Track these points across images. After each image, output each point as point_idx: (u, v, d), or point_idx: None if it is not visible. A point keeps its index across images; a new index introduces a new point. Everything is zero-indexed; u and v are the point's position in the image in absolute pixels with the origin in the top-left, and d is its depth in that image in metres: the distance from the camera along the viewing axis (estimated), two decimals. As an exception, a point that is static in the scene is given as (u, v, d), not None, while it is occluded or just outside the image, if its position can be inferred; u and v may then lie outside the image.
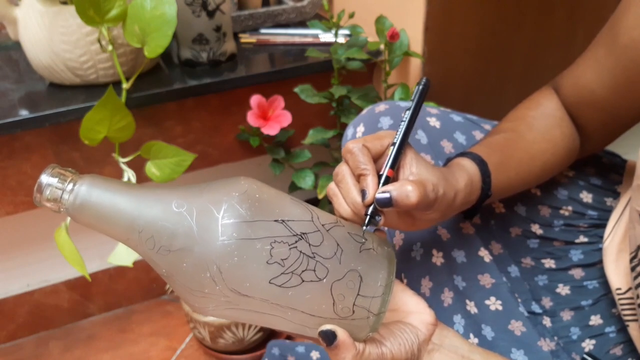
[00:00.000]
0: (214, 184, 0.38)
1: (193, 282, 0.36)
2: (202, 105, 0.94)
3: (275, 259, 0.36)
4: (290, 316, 0.38)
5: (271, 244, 0.36)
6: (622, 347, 0.58)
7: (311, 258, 0.37)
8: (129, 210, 0.36)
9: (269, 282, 0.36)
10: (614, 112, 0.56)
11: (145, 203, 0.37)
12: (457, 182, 0.48)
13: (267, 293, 0.36)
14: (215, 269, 0.35)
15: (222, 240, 0.35)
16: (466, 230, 0.60)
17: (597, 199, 0.64)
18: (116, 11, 0.76)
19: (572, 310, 0.61)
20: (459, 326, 0.55)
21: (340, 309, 0.38)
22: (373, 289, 0.39)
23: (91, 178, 0.37)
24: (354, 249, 0.40)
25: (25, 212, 0.90)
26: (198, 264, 0.35)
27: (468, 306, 0.56)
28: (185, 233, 0.36)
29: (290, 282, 0.36)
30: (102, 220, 0.37)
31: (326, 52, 0.92)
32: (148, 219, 0.36)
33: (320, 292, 0.37)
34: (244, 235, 0.36)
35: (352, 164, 0.44)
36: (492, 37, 0.97)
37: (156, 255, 0.36)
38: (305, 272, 0.37)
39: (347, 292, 0.38)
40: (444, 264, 0.57)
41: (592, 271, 0.62)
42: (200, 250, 0.35)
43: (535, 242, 0.64)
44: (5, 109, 0.83)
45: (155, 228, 0.36)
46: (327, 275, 0.37)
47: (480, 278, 0.58)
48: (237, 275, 0.35)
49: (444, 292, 0.57)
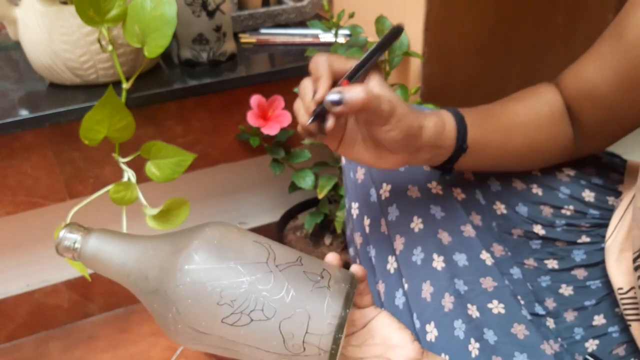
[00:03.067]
0: (184, 232, 0.44)
1: (162, 320, 0.42)
2: (202, 105, 0.94)
3: (224, 301, 0.40)
4: (248, 351, 0.41)
5: (221, 287, 0.40)
6: (625, 347, 0.58)
7: (260, 299, 0.40)
8: (118, 259, 0.43)
9: (221, 322, 0.40)
10: (614, 109, 0.56)
11: (131, 252, 0.43)
12: (424, 117, 0.50)
13: (222, 331, 0.40)
14: (174, 310, 0.40)
15: (177, 285, 0.40)
16: (467, 233, 0.60)
17: (599, 198, 0.64)
18: (116, 11, 0.76)
19: (576, 311, 0.61)
20: (460, 331, 0.55)
21: (291, 346, 0.41)
22: (322, 327, 0.41)
23: (96, 234, 0.44)
24: (306, 288, 0.42)
25: (25, 212, 0.90)
26: (163, 305, 0.41)
27: (469, 310, 0.56)
28: (154, 277, 0.42)
29: (240, 321, 0.40)
30: (102, 266, 0.44)
31: (326, 52, 0.92)
32: (132, 265, 0.43)
33: (270, 330, 0.40)
34: (197, 280, 0.40)
35: (313, 74, 0.47)
36: (492, 37, 0.97)
37: (140, 296, 0.43)
38: (254, 312, 0.40)
39: (296, 330, 0.41)
40: (445, 268, 0.57)
41: (595, 271, 0.62)
42: (163, 293, 0.41)
43: (537, 242, 0.63)
44: (5, 109, 0.83)
45: (136, 273, 0.43)
46: (274, 314, 0.40)
47: (482, 281, 0.57)
48: (193, 315, 0.40)
49: (444, 297, 0.56)
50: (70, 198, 0.91)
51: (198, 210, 1.15)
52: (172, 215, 0.81)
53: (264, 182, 1.22)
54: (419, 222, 0.60)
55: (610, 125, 0.58)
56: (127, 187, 0.79)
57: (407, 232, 0.60)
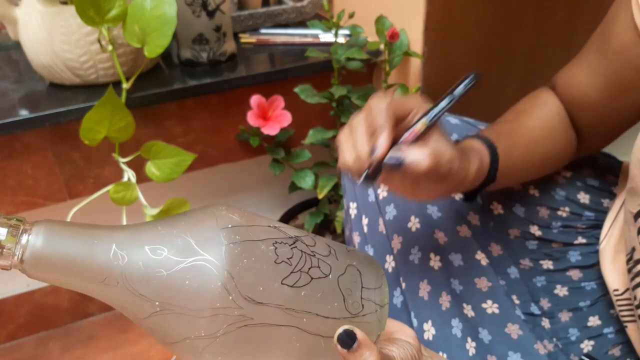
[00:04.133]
0: (189, 212, 0.37)
1: (200, 301, 0.33)
2: (202, 105, 0.94)
3: (282, 258, 0.36)
4: (305, 324, 0.37)
5: (274, 244, 0.36)
6: (620, 347, 0.58)
7: (312, 256, 0.38)
8: (102, 261, 0.33)
9: (281, 283, 0.35)
10: (606, 115, 0.57)
11: (131, 233, 0.34)
12: (470, 165, 0.49)
13: (281, 296, 0.36)
14: (226, 274, 0.33)
15: (227, 244, 0.34)
16: (463, 233, 0.60)
17: (594, 200, 0.64)
18: (116, 11, 0.76)
19: (570, 312, 0.61)
20: (457, 330, 0.55)
21: (350, 305, 0.38)
22: (373, 281, 0.40)
23: (48, 225, 0.32)
24: (343, 249, 0.41)
25: (25, 212, 0.90)
26: (204, 275, 0.33)
27: (465, 310, 0.56)
28: (182, 248, 0.33)
29: (301, 280, 0.36)
30: (68, 275, 0.33)
31: (326, 52, 0.92)
32: (134, 245, 0.34)
33: (330, 288, 0.38)
34: (247, 237, 0.35)
35: (371, 118, 0.43)
36: (492, 37, 0.97)
37: (147, 284, 0.33)
38: (312, 269, 0.37)
39: (353, 286, 0.39)
40: (442, 268, 0.58)
41: (590, 272, 0.62)
42: (204, 260, 0.33)
43: (534, 243, 0.64)
44: (5, 109, 0.83)
45: (147, 249, 0.33)
46: (331, 271, 0.38)
47: (477, 281, 0.58)
48: (249, 279, 0.34)
49: (442, 295, 0.57)
50: (70, 198, 0.92)
51: (198, 210, 1.15)
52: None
53: (264, 182, 1.22)
54: (416, 222, 0.60)
55: (603, 129, 0.59)
56: (127, 187, 0.79)
57: (405, 231, 0.60)
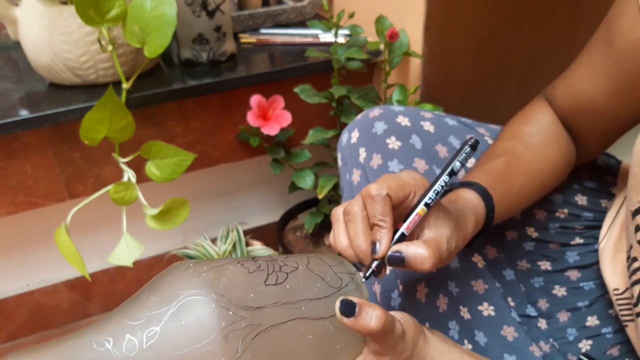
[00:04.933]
0: (145, 285, 0.38)
1: (204, 330, 0.34)
2: (202, 105, 0.94)
3: (253, 268, 0.38)
4: (305, 312, 0.38)
5: (238, 262, 0.38)
6: (619, 347, 0.58)
7: (274, 261, 0.40)
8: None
9: (266, 285, 0.37)
10: (614, 117, 0.56)
11: (103, 321, 0.34)
12: (466, 227, 0.48)
13: (272, 295, 0.37)
14: (214, 296, 0.34)
15: (198, 276, 0.35)
16: None
17: (591, 201, 0.64)
18: (116, 11, 0.76)
19: (569, 312, 0.61)
20: (454, 332, 0.55)
21: (330, 281, 0.41)
22: (334, 258, 0.43)
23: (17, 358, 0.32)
24: (300, 256, 0.43)
25: (25, 212, 0.90)
26: (196, 307, 0.34)
27: (462, 312, 0.56)
28: (160, 301, 0.34)
29: (280, 277, 0.38)
30: None
31: (326, 52, 0.92)
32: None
33: (306, 275, 0.40)
34: (212, 265, 0.37)
35: (370, 211, 0.43)
36: (492, 37, 0.97)
37: (144, 348, 0.33)
38: (283, 267, 0.39)
39: (322, 267, 0.41)
40: (439, 270, 0.57)
41: (588, 272, 0.62)
42: (187, 296, 0.34)
43: (531, 244, 0.64)
44: (5, 109, 0.83)
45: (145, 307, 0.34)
46: (298, 264, 0.40)
47: (473, 284, 0.58)
48: (236, 293, 0.36)
49: (439, 298, 0.56)
50: (70, 198, 0.92)
51: (198, 210, 1.15)
52: (172, 215, 0.81)
53: (264, 182, 1.22)
54: None
55: (609, 133, 0.58)
56: (127, 187, 0.79)
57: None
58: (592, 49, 0.55)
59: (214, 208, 1.21)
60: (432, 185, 0.44)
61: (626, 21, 0.50)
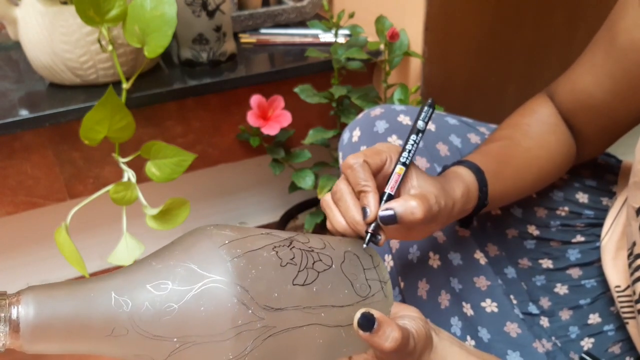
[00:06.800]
0: (179, 239, 0.37)
1: (220, 323, 0.33)
2: (202, 105, 0.94)
3: (286, 260, 0.37)
4: (324, 319, 0.37)
5: (274, 249, 0.37)
6: (620, 345, 0.58)
7: (311, 252, 0.38)
8: (106, 309, 0.32)
9: (293, 284, 0.36)
10: (614, 116, 0.56)
11: (128, 276, 0.33)
12: (454, 191, 0.48)
13: (296, 297, 0.36)
14: (239, 289, 0.33)
15: (230, 260, 0.34)
16: (462, 232, 0.60)
17: (592, 199, 0.64)
18: (116, 11, 0.76)
19: (571, 310, 0.61)
20: (456, 328, 0.55)
21: (359, 288, 0.40)
22: (369, 261, 0.42)
23: (33, 293, 0.31)
24: (335, 239, 0.42)
25: (25, 212, 0.90)
26: (218, 297, 0.33)
27: (464, 308, 0.56)
28: (186, 277, 0.33)
29: (309, 277, 0.37)
30: (65, 333, 0.31)
31: (326, 52, 0.92)
32: (135, 288, 0.33)
33: (337, 277, 0.39)
34: (247, 248, 0.35)
35: (353, 180, 0.44)
36: (492, 37, 0.97)
37: (160, 322, 0.32)
38: (315, 263, 0.38)
39: (356, 270, 0.40)
40: (441, 267, 0.57)
41: (589, 270, 0.62)
42: (213, 282, 0.33)
43: (532, 242, 0.64)
44: (5, 109, 0.83)
45: (148, 288, 0.33)
46: (332, 261, 0.39)
47: (475, 280, 0.58)
48: (262, 288, 0.34)
49: (440, 294, 0.57)
50: (70, 198, 0.92)
51: (198, 210, 1.15)
52: (172, 215, 0.81)
53: (264, 182, 1.22)
54: None
55: (609, 131, 0.58)
56: (127, 187, 0.79)
57: None
58: (594, 47, 0.56)
59: (214, 208, 1.21)
60: (403, 148, 0.46)
61: (628, 20, 0.51)
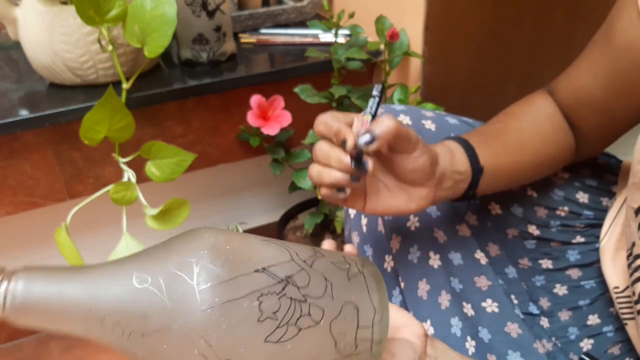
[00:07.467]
0: (174, 244, 0.34)
1: None
2: (202, 105, 0.94)
3: (266, 314, 0.33)
4: None
5: (258, 298, 0.33)
6: (620, 346, 0.58)
7: (303, 302, 0.34)
8: (83, 298, 0.31)
9: (265, 341, 0.33)
10: (612, 114, 0.56)
11: (101, 285, 0.31)
12: (431, 148, 0.49)
13: (265, 353, 0.33)
14: (202, 343, 0.31)
15: (204, 310, 0.31)
16: (462, 232, 0.60)
17: (592, 199, 0.64)
18: (116, 11, 0.76)
19: (570, 310, 0.61)
20: (457, 328, 0.55)
21: (342, 348, 0.36)
22: (371, 316, 0.37)
23: (27, 273, 0.31)
24: (343, 279, 0.37)
25: (25, 212, 0.90)
26: (181, 342, 0.31)
27: (465, 308, 0.56)
28: (157, 311, 0.31)
29: (287, 334, 0.33)
30: (51, 316, 0.31)
31: (326, 52, 0.92)
32: (109, 304, 0.31)
33: (320, 336, 0.35)
34: (227, 297, 0.32)
35: (326, 128, 0.45)
36: (492, 37, 0.97)
37: (128, 343, 0.32)
38: (301, 318, 0.34)
39: (347, 328, 0.36)
40: (441, 267, 0.58)
41: (589, 271, 0.62)
42: (180, 326, 0.31)
43: (532, 242, 0.64)
44: (5, 109, 0.83)
45: (120, 312, 0.31)
46: (323, 316, 0.35)
47: (476, 280, 0.58)
48: (228, 344, 0.32)
49: (441, 294, 0.57)
50: (70, 198, 0.92)
51: (198, 210, 1.15)
52: (172, 215, 0.81)
53: (264, 182, 1.22)
54: (415, 221, 0.60)
55: (607, 130, 0.59)
56: (127, 187, 0.79)
57: (404, 230, 0.60)
58: (593, 46, 0.57)
59: (214, 208, 1.21)
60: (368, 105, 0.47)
61: (625, 21, 0.51)
